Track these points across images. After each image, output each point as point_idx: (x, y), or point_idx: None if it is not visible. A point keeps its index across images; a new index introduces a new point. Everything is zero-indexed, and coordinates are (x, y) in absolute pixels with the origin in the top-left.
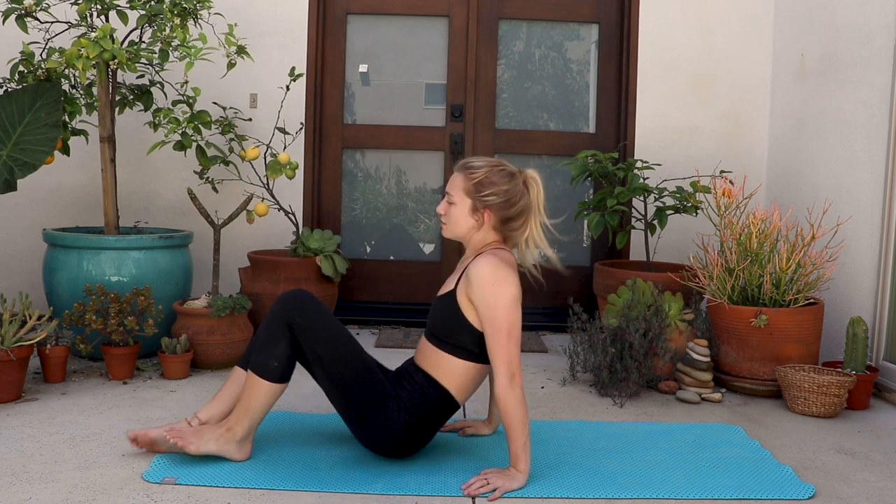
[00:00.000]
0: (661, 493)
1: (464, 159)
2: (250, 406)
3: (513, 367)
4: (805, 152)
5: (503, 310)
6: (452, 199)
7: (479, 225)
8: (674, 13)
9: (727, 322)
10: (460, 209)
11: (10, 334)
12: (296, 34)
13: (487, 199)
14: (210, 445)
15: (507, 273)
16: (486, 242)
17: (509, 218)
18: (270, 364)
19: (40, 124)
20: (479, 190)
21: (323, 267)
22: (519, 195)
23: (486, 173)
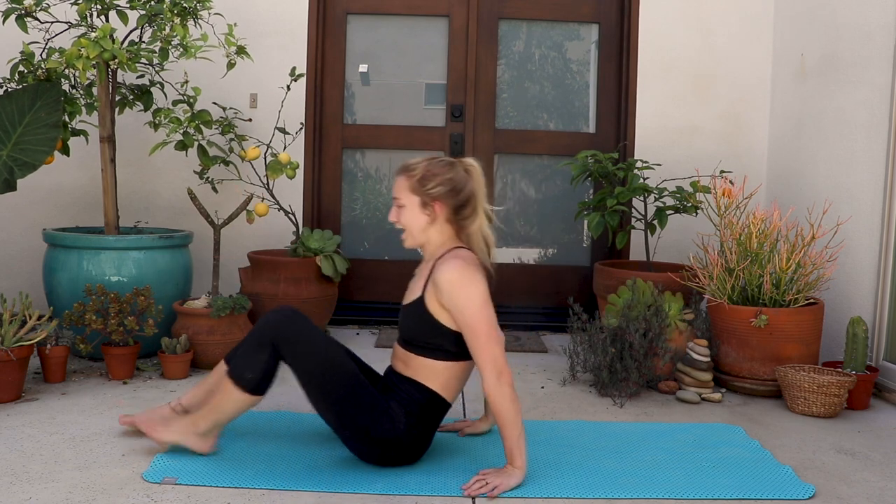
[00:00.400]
0: (661, 493)
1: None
2: (219, 408)
3: (498, 366)
4: (805, 152)
5: (476, 310)
6: (401, 202)
7: (431, 219)
8: (674, 13)
9: (727, 322)
10: (410, 209)
11: (10, 334)
12: (296, 34)
13: (434, 191)
14: (174, 436)
15: (472, 273)
16: (443, 243)
17: (460, 205)
18: (247, 375)
19: (40, 124)
20: (424, 184)
21: (323, 267)
22: (463, 181)
23: (426, 167)
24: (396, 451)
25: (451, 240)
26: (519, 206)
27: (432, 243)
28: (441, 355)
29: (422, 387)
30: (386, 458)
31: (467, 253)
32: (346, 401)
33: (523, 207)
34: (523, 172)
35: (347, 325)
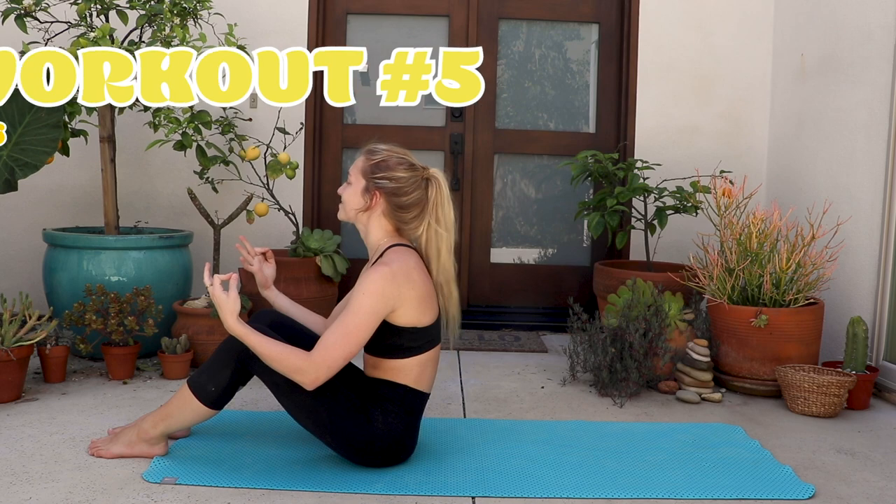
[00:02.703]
0: (661, 493)
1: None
2: (173, 415)
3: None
4: (805, 152)
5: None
6: (350, 179)
7: (366, 207)
8: (674, 13)
9: (727, 322)
10: (354, 189)
11: (10, 334)
12: (296, 34)
13: (380, 182)
14: (117, 448)
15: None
16: (382, 237)
17: (400, 206)
18: (208, 388)
19: (41, 124)
20: (375, 172)
21: (323, 267)
22: (413, 187)
23: (385, 158)
24: (382, 451)
25: (389, 235)
26: (519, 206)
27: (372, 235)
28: (404, 353)
29: (395, 385)
30: (373, 458)
31: (402, 255)
32: (321, 407)
33: (523, 207)
34: (523, 172)
35: None
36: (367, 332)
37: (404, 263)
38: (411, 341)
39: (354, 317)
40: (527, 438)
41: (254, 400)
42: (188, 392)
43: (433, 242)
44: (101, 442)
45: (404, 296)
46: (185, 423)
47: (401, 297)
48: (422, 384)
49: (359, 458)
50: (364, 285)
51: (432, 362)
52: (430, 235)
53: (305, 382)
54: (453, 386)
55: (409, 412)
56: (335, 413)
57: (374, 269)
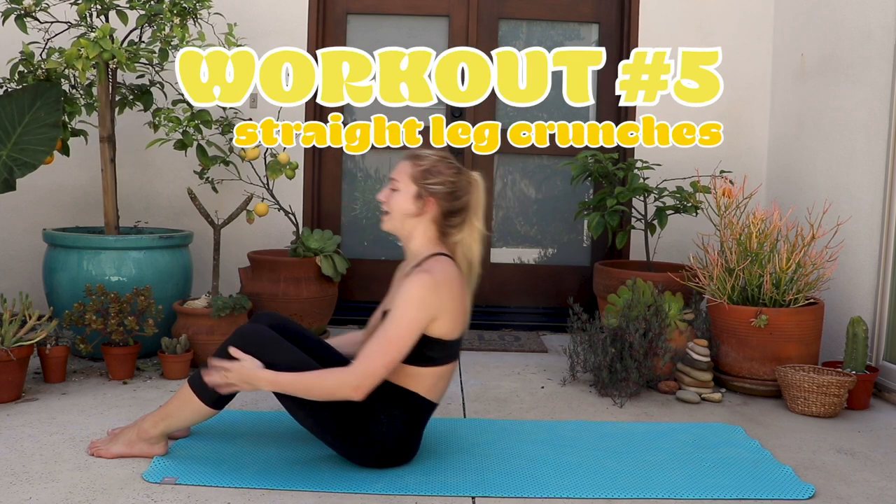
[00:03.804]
0: (661, 493)
1: (410, 150)
2: (173, 414)
3: (367, 380)
4: (805, 152)
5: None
6: (397, 186)
7: (419, 213)
8: (674, 13)
9: (727, 322)
10: (404, 195)
11: (10, 334)
12: (296, 34)
13: (433, 188)
14: (117, 448)
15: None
16: (425, 245)
17: (451, 212)
18: (209, 387)
19: (40, 124)
20: (426, 177)
21: (323, 267)
22: (463, 190)
23: (435, 162)
24: (382, 453)
25: (432, 243)
26: (519, 206)
27: (415, 241)
28: (425, 362)
29: (407, 391)
30: (372, 460)
31: (444, 265)
32: (321, 408)
33: (523, 207)
34: (523, 172)
35: (347, 325)
36: (409, 340)
37: (446, 273)
38: (436, 352)
39: (397, 326)
40: (527, 438)
41: (254, 400)
42: (189, 391)
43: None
44: (101, 442)
45: (444, 306)
46: (186, 422)
47: (441, 306)
48: (433, 394)
49: (358, 458)
50: (406, 294)
51: (448, 375)
52: (469, 239)
53: (351, 394)
54: (453, 386)
55: (415, 420)
56: (336, 415)
57: (416, 277)
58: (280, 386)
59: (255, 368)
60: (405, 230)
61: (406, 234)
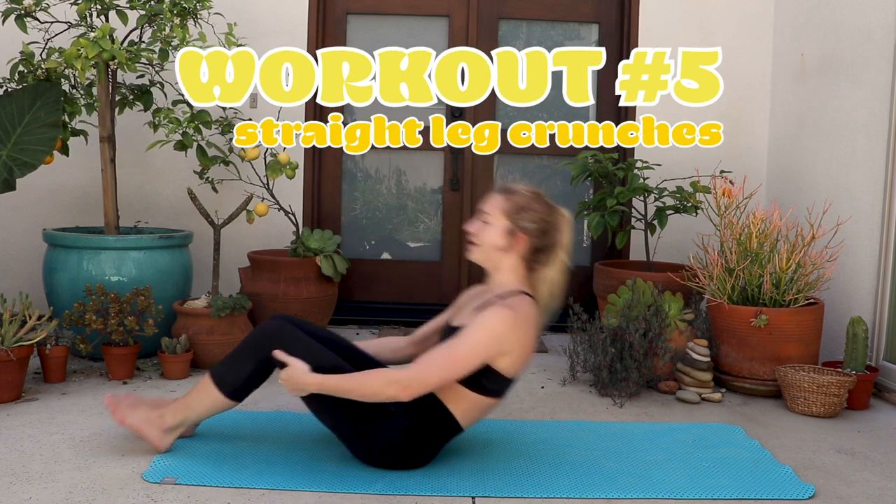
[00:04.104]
0: (661, 493)
1: (504, 184)
2: (192, 405)
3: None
4: (805, 152)
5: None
6: (488, 219)
7: (509, 248)
8: (674, 13)
9: (727, 322)
10: (495, 229)
11: (10, 334)
12: (296, 34)
13: (525, 224)
14: (134, 420)
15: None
16: (511, 281)
17: (539, 249)
18: (228, 378)
19: (40, 124)
20: (519, 213)
21: (323, 267)
22: (554, 227)
23: (528, 199)
24: (393, 455)
25: (518, 278)
26: None
27: (500, 274)
28: (475, 387)
29: (442, 407)
30: (382, 460)
31: (527, 307)
32: (339, 404)
33: None
34: (523, 172)
35: (347, 325)
36: (471, 364)
37: (527, 315)
38: (491, 383)
39: (465, 346)
40: (527, 438)
41: (254, 400)
42: (209, 382)
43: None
44: (123, 402)
45: (515, 345)
46: (205, 412)
47: (514, 344)
48: (465, 420)
49: (369, 457)
50: (486, 322)
51: (487, 409)
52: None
53: (399, 393)
54: None
55: (437, 435)
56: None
57: (499, 310)
58: (328, 388)
59: (304, 373)
60: (492, 263)
61: (492, 267)
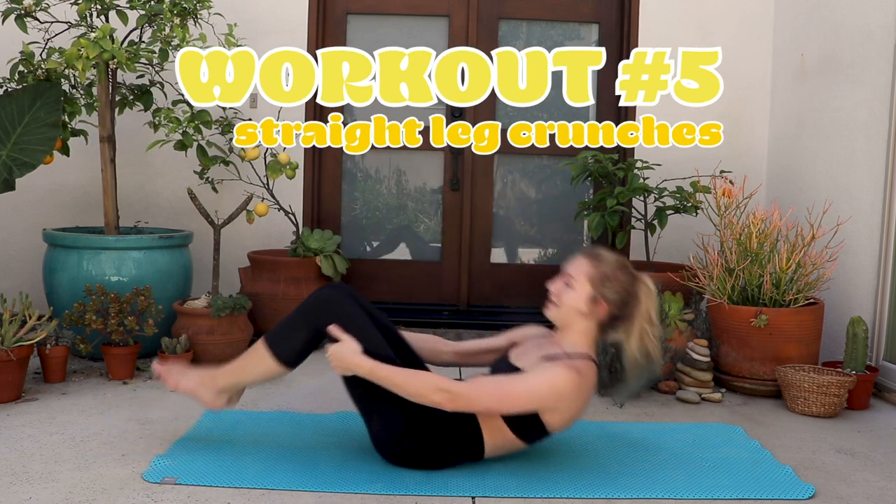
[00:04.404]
0: (661, 493)
1: (591, 248)
2: (245, 370)
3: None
4: (805, 152)
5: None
6: (572, 283)
7: (589, 315)
8: (674, 13)
9: (727, 322)
10: (578, 294)
11: (10, 334)
12: (296, 34)
13: (609, 294)
14: (188, 383)
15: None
16: (581, 343)
17: (617, 317)
18: (284, 345)
19: (40, 124)
20: (604, 282)
21: (323, 267)
22: (635, 298)
23: (614, 268)
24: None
25: (588, 344)
26: (519, 206)
27: (573, 333)
28: (515, 428)
29: (477, 430)
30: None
31: (591, 374)
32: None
33: (523, 207)
34: (523, 172)
35: None
36: (521, 408)
37: (589, 383)
38: (531, 429)
39: (523, 390)
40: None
41: (254, 400)
42: (262, 347)
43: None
44: (173, 369)
45: (569, 406)
46: (257, 378)
47: (567, 405)
48: (491, 452)
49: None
50: (551, 375)
51: (515, 450)
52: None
53: (442, 401)
54: None
55: (459, 456)
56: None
57: (566, 369)
58: (376, 377)
59: (355, 354)
60: (567, 323)
61: (565, 326)
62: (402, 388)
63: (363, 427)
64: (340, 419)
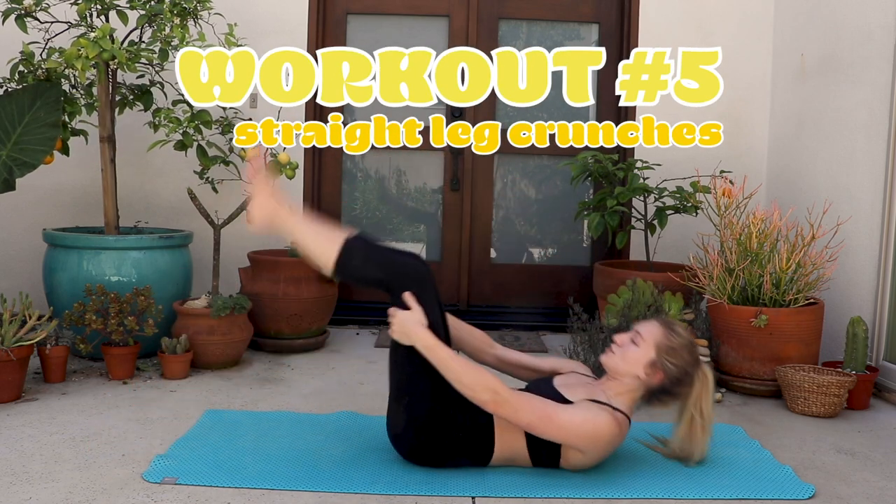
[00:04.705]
0: (661, 493)
1: (669, 318)
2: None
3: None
4: (805, 152)
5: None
6: (639, 342)
7: (642, 377)
8: (674, 13)
9: (727, 322)
10: (642, 355)
11: (10, 334)
12: (296, 34)
13: (668, 366)
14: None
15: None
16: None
17: (666, 391)
18: (354, 262)
19: (39, 124)
20: (670, 354)
21: None
22: (689, 381)
23: (683, 345)
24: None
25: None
26: (519, 206)
27: (621, 387)
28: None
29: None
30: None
31: (625, 431)
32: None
33: (523, 207)
34: (523, 172)
35: (347, 325)
36: (556, 435)
37: (621, 438)
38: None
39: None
40: None
41: (254, 400)
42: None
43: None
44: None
45: (595, 453)
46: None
47: (596, 451)
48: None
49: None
50: (596, 418)
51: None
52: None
53: (488, 404)
54: None
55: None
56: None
57: (611, 419)
58: (432, 354)
59: (419, 325)
60: (619, 374)
61: (616, 377)
62: (456, 375)
63: (363, 427)
64: (340, 419)
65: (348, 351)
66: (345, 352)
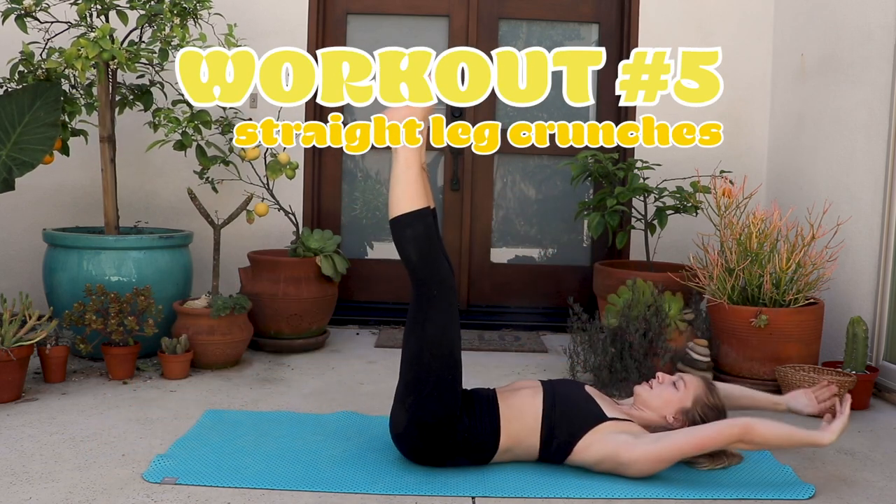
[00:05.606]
0: (661, 493)
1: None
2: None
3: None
4: (805, 152)
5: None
6: (680, 389)
7: (668, 421)
8: (674, 13)
9: (727, 322)
10: (677, 401)
11: (10, 334)
12: (296, 34)
13: (694, 415)
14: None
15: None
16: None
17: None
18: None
19: (40, 124)
20: (704, 409)
21: (323, 267)
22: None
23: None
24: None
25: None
26: (519, 206)
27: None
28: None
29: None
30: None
31: None
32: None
33: (523, 207)
34: (523, 172)
35: (347, 325)
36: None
37: None
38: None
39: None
40: None
41: (254, 400)
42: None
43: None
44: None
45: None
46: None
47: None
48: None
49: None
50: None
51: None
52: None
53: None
54: None
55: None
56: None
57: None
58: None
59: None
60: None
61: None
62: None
63: (363, 427)
64: (340, 419)
65: (348, 351)
66: (345, 352)
